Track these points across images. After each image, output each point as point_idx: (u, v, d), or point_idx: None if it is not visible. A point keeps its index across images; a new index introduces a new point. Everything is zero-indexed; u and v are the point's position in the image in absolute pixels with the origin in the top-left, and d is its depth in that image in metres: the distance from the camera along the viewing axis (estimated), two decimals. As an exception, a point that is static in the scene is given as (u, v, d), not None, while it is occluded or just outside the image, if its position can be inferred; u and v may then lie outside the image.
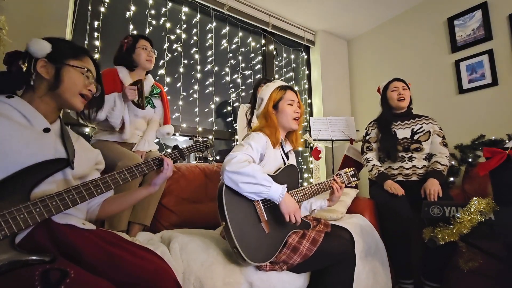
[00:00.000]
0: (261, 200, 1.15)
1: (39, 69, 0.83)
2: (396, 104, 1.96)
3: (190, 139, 2.31)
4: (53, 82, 0.83)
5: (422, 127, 1.89)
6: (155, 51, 1.75)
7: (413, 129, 1.90)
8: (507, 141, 2.04)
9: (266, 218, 1.13)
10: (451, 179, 2.17)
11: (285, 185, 1.14)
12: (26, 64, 0.83)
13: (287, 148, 1.42)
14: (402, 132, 1.91)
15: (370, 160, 1.95)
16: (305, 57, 3.44)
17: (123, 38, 1.69)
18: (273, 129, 1.30)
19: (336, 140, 2.72)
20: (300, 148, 3.18)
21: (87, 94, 0.90)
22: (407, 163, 1.86)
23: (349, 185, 1.43)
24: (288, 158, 1.40)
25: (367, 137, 2.04)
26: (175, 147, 1.10)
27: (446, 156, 1.81)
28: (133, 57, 1.66)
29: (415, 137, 1.87)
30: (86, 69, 0.89)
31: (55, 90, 0.84)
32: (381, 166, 1.91)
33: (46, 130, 0.83)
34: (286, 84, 1.40)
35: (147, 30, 2.32)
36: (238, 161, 1.08)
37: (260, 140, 1.23)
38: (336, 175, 1.38)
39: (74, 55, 0.88)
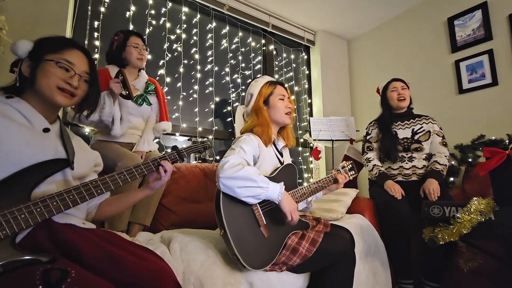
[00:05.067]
0: (259, 204, 1.13)
1: (23, 69, 0.83)
2: (397, 104, 1.96)
3: (188, 139, 2.32)
4: (29, 79, 0.82)
5: (422, 127, 1.89)
6: (148, 48, 1.71)
7: (413, 129, 1.90)
8: (507, 141, 2.04)
9: (265, 222, 1.11)
10: (451, 179, 2.17)
11: (282, 183, 1.13)
12: (18, 68, 0.83)
13: (280, 145, 1.39)
14: (403, 132, 1.92)
15: (371, 160, 1.95)
16: (305, 57, 3.44)
17: (114, 35, 1.64)
18: (265, 126, 1.27)
19: (336, 140, 2.72)
20: (299, 148, 3.18)
21: (66, 88, 0.83)
22: (407, 163, 1.86)
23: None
24: (282, 156, 1.38)
25: (368, 137, 2.04)
26: (174, 148, 1.10)
27: (445, 156, 1.81)
28: (123, 55, 1.62)
29: (416, 137, 1.88)
30: (62, 61, 0.82)
31: (33, 87, 0.82)
32: (381, 166, 1.91)
33: (46, 130, 0.83)
34: (275, 80, 1.38)
35: (147, 30, 2.32)
36: (231, 166, 1.04)
37: (251, 142, 1.20)
38: (335, 170, 1.39)
39: (53, 49, 0.83)
